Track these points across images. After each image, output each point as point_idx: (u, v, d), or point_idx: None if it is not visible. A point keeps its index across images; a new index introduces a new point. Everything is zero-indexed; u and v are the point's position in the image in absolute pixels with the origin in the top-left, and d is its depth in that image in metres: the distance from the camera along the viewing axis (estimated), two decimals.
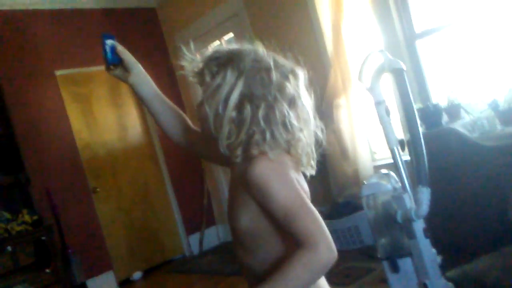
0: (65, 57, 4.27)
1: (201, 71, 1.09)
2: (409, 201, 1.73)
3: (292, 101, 1.06)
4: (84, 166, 4.29)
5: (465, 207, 2.50)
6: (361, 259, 3.11)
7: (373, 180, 1.89)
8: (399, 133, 2.96)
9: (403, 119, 3.06)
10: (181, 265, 4.66)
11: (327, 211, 3.49)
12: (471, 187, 2.47)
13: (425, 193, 1.72)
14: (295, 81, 1.08)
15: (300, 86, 1.09)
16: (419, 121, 1.94)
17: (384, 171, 2.06)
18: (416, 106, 2.06)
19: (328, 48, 3.53)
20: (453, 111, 2.75)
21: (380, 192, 1.79)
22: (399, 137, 2.05)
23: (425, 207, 1.70)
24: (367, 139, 3.48)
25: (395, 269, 1.49)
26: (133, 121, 4.77)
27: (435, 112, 2.70)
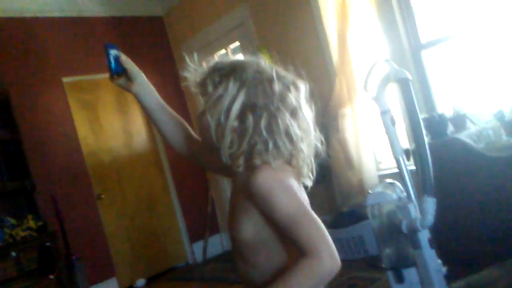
0: (72, 64, 4.30)
1: (204, 81, 1.10)
2: (414, 211, 1.73)
3: (293, 112, 1.07)
4: (89, 172, 4.30)
5: (470, 217, 2.49)
6: (366, 269, 3.10)
7: (378, 189, 1.90)
8: (405, 142, 2.96)
9: (408, 129, 3.05)
10: (184, 273, 4.65)
11: (332, 220, 3.47)
12: (477, 198, 2.46)
13: (430, 203, 1.71)
14: (297, 93, 1.09)
15: (301, 97, 1.10)
16: (424, 131, 1.95)
17: (389, 180, 2.06)
18: (421, 116, 2.07)
19: (333, 57, 3.54)
20: (459, 121, 2.75)
21: (385, 201, 1.79)
22: (404, 147, 2.05)
23: (431, 217, 1.69)
24: (372, 148, 3.48)
25: (399, 279, 1.48)
26: (139, 128, 4.80)
27: (441, 122, 2.70)
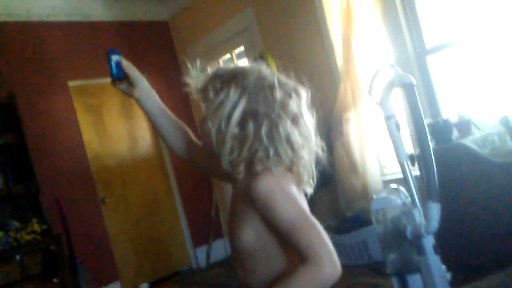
0: (78, 69, 4.33)
1: (205, 87, 1.11)
2: (419, 216, 1.73)
3: (294, 119, 1.07)
4: (93, 176, 4.32)
5: (475, 223, 2.47)
6: (370, 274, 3.08)
7: (383, 194, 1.89)
8: (409, 148, 2.95)
9: (413, 134, 3.05)
10: (188, 277, 4.64)
11: (336, 225, 3.47)
12: (482, 203, 2.45)
13: (435, 209, 1.71)
14: (298, 99, 1.10)
15: (302, 104, 1.10)
16: (429, 136, 1.94)
17: (393, 185, 2.05)
18: (426, 121, 2.06)
19: (338, 62, 3.55)
20: (464, 126, 2.74)
21: (389, 207, 1.79)
22: (409, 152, 2.04)
23: (435, 223, 1.69)
24: (376, 153, 3.47)
25: (404, 285, 1.48)
26: (143, 133, 4.81)
27: (446, 127, 2.69)
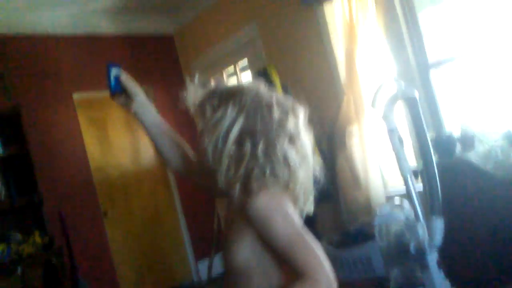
0: (83, 81, 4.35)
1: (203, 104, 1.12)
2: (422, 231, 1.72)
3: (292, 138, 1.07)
4: (96, 189, 4.31)
5: (479, 238, 2.45)
6: None
7: (386, 209, 1.88)
8: (412, 162, 2.95)
9: (416, 148, 3.04)
10: None
11: (338, 240, 3.44)
12: (485, 218, 2.43)
13: (438, 224, 1.70)
14: (295, 119, 1.09)
15: (299, 123, 1.10)
16: (432, 151, 1.94)
17: (397, 200, 2.04)
18: (429, 135, 2.06)
19: (341, 75, 3.56)
20: (467, 140, 2.73)
21: (392, 221, 1.78)
22: (412, 166, 2.04)
23: (439, 238, 1.68)
24: (379, 167, 3.46)
25: None
26: (146, 145, 4.81)
27: (449, 141, 2.69)
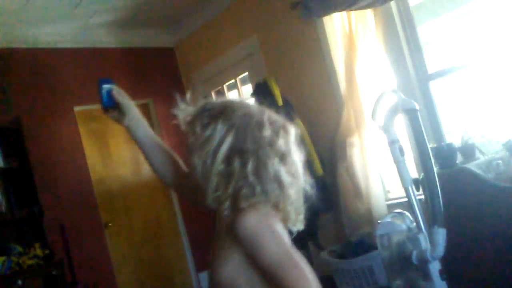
0: (84, 94, 4.37)
1: (193, 121, 1.10)
2: (424, 241, 1.71)
3: (282, 157, 1.06)
4: (97, 200, 4.31)
5: (481, 248, 2.45)
6: None
7: (388, 219, 1.88)
8: (413, 172, 2.95)
9: (417, 159, 3.05)
10: None
11: (340, 250, 3.43)
12: (488, 228, 2.43)
13: (440, 234, 1.70)
14: (286, 137, 1.08)
15: (290, 141, 1.09)
16: (433, 161, 1.94)
17: (398, 210, 2.04)
18: (429, 145, 2.07)
19: (341, 87, 3.58)
20: (468, 151, 2.74)
21: (394, 232, 1.78)
22: (413, 177, 2.04)
23: (441, 248, 1.67)
24: (380, 177, 3.46)
25: None
26: None
27: (449, 151, 2.69)
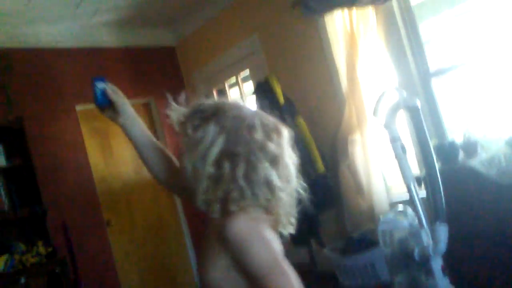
0: (86, 93, 4.30)
1: (185, 122, 1.09)
2: (426, 238, 1.72)
3: (274, 161, 1.05)
4: (99, 199, 4.32)
5: (483, 245, 2.45)
6: None
7: (390, 216, 1.89)
8: (415, 169, 2.95)
9: (419, 156, 3.05)
10: None
11: (342, 247, 3.44)
12: (490, 225, 2.43)
13: (442, 230, 1.70)
14: (278, 140, 1.07)
15: (283, 144, 1.08)
16: (435, 158, 1.95)
17: (400, 207, 2.05)
18: (431, 143, 2.07)
19: (343, 85, 3.58)
20: (470, 148, 2.74)
21: (396, 228, 1.78)
22: (415, 174, 2.05)
23: (443, 245, 1.68)
24: (382, 174, 3.47)
25: None
26: None
27: (451, 148, 2.70)
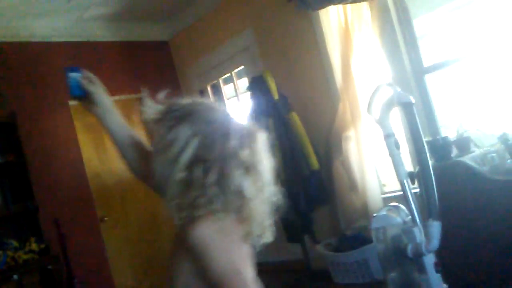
0: None
1: (157, 122, 1.04)
2: (419, 234, 1.72)
3: (248, 168, 1.01)
4: (93, 195, 4.30)
5: (476, 241, 2.46)
6: None
7: (383, 213, 1.89)
8: (409, 165, 2.96)
9: (412, 152, 3.05)
10: None
11: (336, 244, 3.44)
12: (482, 221, 2.44)
13: (435, 227, 1.70)
14: (253, 147, 1.03)
15: (257, 151, 1.04)
16: (428, 154, 1.95)
17: (393, 204, 2.05)
18: (425, 139, 2.07)
19: (337, 81, 3.58)
20: (463, 144, 2.75)
21: (390, 225, 1.78)
22: (408, 170, 2.05)
23: (436, 241, 1.68)
24: (376, 171, 3.48)
25: None
26: None
27: (444, 145, 2.70)
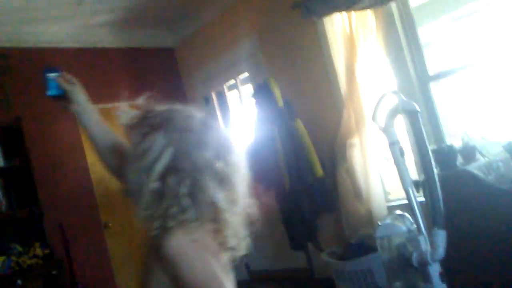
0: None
1: (133, 128, 1.02)
2: (424, 243, 1.71)
3: (222, 180, 0.99)
4: (97, 200, 4.31)
5: (482, 250, 2.44)
6: None
7: (388, 221, 1.88)
8: (414, 174, 2.94)
9: (417, 160, 3.04)
10: None
11: (340, 252, 3.42)
12: (487, 230, 2.42)
13: (441, 236, 1.69)
14: (229, 158, 1.01)
15: (233, 162, 1.02)
16: (433, 163, 1.94)
17: (398, 212, 2.04)
18: (430, 147, 2.07)
19: (341, 88, 3.57)
20: (468, 153, 2.74)
21: (395, 233, 1.77)
22: (413, 178, 2.04)
23: (442, 250, 1.67)
24: (380, 179, 3.46)
25: None
26: None
27: (450, 153, 2.69)
